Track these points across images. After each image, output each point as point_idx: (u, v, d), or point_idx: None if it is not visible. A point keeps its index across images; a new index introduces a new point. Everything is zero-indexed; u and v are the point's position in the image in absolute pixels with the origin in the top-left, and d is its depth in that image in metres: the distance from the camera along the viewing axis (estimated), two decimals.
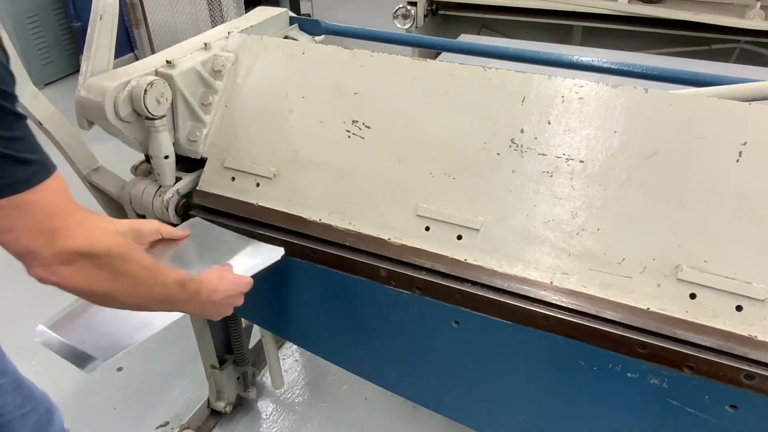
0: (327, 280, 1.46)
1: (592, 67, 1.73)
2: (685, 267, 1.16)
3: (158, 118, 1.48)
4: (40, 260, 0.94)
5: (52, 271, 0.95)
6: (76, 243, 0.95)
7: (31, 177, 0.91)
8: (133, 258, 1.05)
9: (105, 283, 1.02)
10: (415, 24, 3.21)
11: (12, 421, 1.43)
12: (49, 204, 0.93)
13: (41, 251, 0.93)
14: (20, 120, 0.91)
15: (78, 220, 0.97)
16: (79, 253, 0.96)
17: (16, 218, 0.90)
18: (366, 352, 1.60)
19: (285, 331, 1.82)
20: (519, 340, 1.27)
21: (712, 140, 1.20)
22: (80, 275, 0.98)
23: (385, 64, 1.50)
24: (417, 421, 2.22)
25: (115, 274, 1.02)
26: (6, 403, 1.41)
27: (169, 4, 4.59)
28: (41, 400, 1.52)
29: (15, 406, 1.43)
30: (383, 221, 1.39)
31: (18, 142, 0.90)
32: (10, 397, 1.41)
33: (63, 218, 0.95)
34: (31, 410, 1.47)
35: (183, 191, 1.59)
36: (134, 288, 1.07)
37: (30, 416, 1.47)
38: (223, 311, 1.29)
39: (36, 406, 1.49)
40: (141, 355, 2.50)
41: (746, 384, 1.09)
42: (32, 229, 0.92)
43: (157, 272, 1.11)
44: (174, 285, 1.14)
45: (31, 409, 1.47)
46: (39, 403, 1.51)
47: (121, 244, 1.04)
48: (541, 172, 1.30)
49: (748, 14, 2.76)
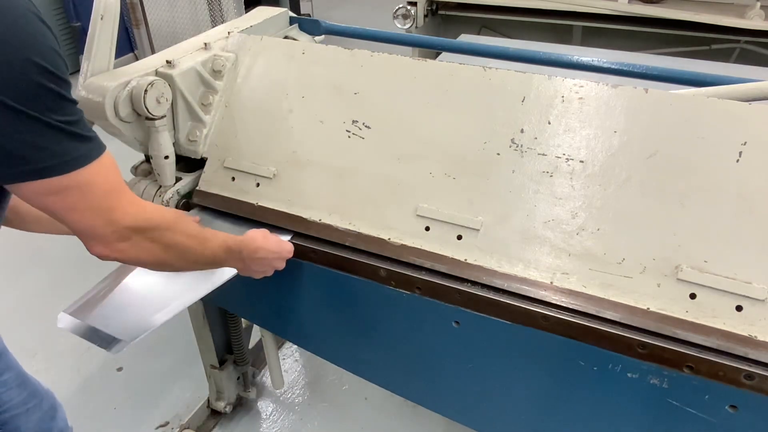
0: (327, 280, 1.46)
1: (592, 67, 1.73)
2: (685, 267, 1.16)
3: (158, 118, 1.48)
4: (100, 238, 1.04)
5: (112, 248, 1.06)
6: (130, 220, 1.06)
7: (91, 151, 1.00)
8: (180, 229, 1.18)
9: (158, 254, 1.14)
10: (415, 24, 3.21)
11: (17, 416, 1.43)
12: (105, 183, 1.02)
13: (101, 230, 1.03)
14: (76, 105, 0.99)
15: (130, 199, 1.08)
16: (134, 229, 1.07)
17: (79, 197, 0.99)
18: (366, 353, 1.60)
19: (285, 331, 1.82)
20: (519, 340, 1.27)
21: (712, 140, 1.20)
22: (136, 249, 1.09)
23: (385, 64, 1.50)
24: (417, 421, 2.22)
25: (167, 245, 1.14)
26: (10, 398, 1.41)
27: (169, 4, 4.59)
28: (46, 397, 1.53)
29: (20, 401, 1.44)
30: (383, 221, 1.39)
31: (77, 123, 0.98)
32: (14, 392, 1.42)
33: (117, 197, 1.04)
34: (35, 406, 1.48)
35: (183, 191, 1.60)
36: (184, 255, 1.20)
37: (34, 412, 1.47)
38: (264, 270, 1.38)
39: (40, 402, 1.50)
40: (141, 355, 2.50)
41: (746, 384, 1.09)
42: (93, 207, 1.01)
43: (203, 239, 1.23)
44: (219, 248, 1.26)
45: (36, 405, 1.48)
46: (43, 400, 1.51)
47: (168, 217, 1.17)
48: (541, 172, 1.30)
49: (748, 14, 2.76)
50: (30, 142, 0.92)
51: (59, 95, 0.94)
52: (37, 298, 2.76)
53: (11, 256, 3.09)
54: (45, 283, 2.91)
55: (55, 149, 0.95)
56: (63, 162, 0.96)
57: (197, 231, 1.24)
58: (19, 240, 3.40)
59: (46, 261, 3.03)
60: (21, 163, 0.93)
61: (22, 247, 3.13)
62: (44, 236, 1.42)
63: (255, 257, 1.33)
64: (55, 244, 3.16)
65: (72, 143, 0.97)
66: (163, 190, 1.56)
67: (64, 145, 0.96)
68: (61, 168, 0.96)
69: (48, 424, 1.52)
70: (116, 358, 2.51)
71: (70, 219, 1.02)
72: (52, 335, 2.61)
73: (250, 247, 1.31)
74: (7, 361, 1.41)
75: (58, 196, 0.98)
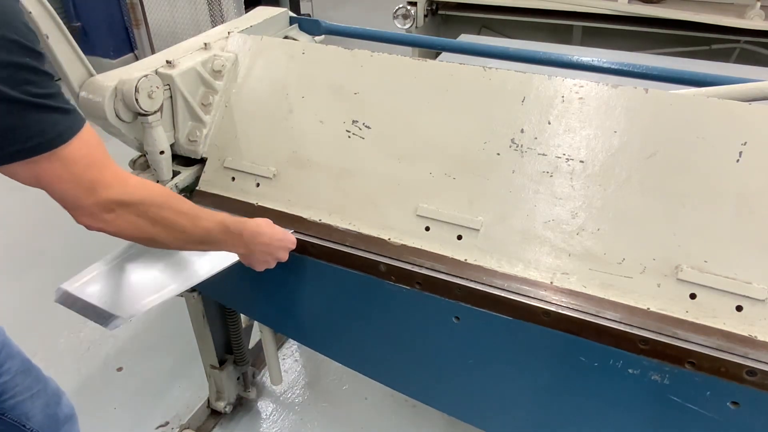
0: (326, 276, 1.46)
1: (592, 67, 1.73)
2: (685, 267, 1.16)
3: (151, 114, 1.47)
4: (84, 209, 1.05)
5: (97, 218, 1.07)
6: (113, 193, 1.06)
7: (74, 124, 1.01)
8: (169, 205, 1.17)
9: (145, 228, 1.14)
10: (415, 24, 3.21)
11: (23, 402, 1.46)
12: (87, 155, 1.03)
13: (84, 201, 1.04)
14: (51, 77, 0.98)
15: (114, 172, 1.08)
16: (116, 202, 1.07)
17: (62, 170, 1.01)
18: (365, 349, 1.60)
19: (284, 327, 1.82)
20: (520, 336, 1.27)
21: (712, 140, 1.20)
22: (122, 221, 1.10)
23: (385, 64, 1.50)
24: (417, 421, 2.22)
25: (153, 220, 1.14)
26: (16, 384, 1.44)
27: (169, 4, 4.59)
28: (49, 383, 1.55)
29: (25, 387, 1.46)
30: (383, 221, 1.39)
31: (57, 96, 0.99)
32: (19, 378, 1.44)
33: (99, 170, 1.05)
34: (39, 391, 1.51)
35: (182, 185, 1.59)
36: (173, 231, 1.18)
37: (39, 397, 1.50)
38: (266, 260, 1.36)
39: (44, 387, 1.52)
40: (141, 355, 2.50)
41: (748, 380, 1.09)
42: (75, 179, 1.02)
43: (195, 216, 1.22)
44: (215, 227, 1.25)
45: (40, 390, 1.51)
46: (47, 386, 1.54)
47: (156, 193, 1.16)
48: (541, 172, 1.30)
49: (748, 14, 2.76)
50: (14, 124, 0.94)
51: (36, 70, 0.95)
52: (38, 298, 2.75)
53: (11, 256, 3.10)
54: (45, 283, 2.91)
55: (39, 128, 0.96)
56: (48, 140, 0.98)
57: (188, 208, 1.22)
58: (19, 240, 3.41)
59: (46, 261, 3.03)
60: (6, 144, 0.95)
61: (23, 247, 3.13)
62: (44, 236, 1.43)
63: (257, 241, 1.31)
64: (56, 244, 3.18)
65: (54, 117, 0.98)
66: (161, 184, 1.56)
67: (47, 121, 0.97)
68: (46, 145, 0.98)
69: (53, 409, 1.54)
70: (116, 358, 2.52)
71: (54, 190, 1.03)
72: (52, 335, 2.61)
73: (252, 230, 1.30)
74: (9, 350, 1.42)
75: (44, 170, 1.00)
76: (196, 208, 1.24)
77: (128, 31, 4.96)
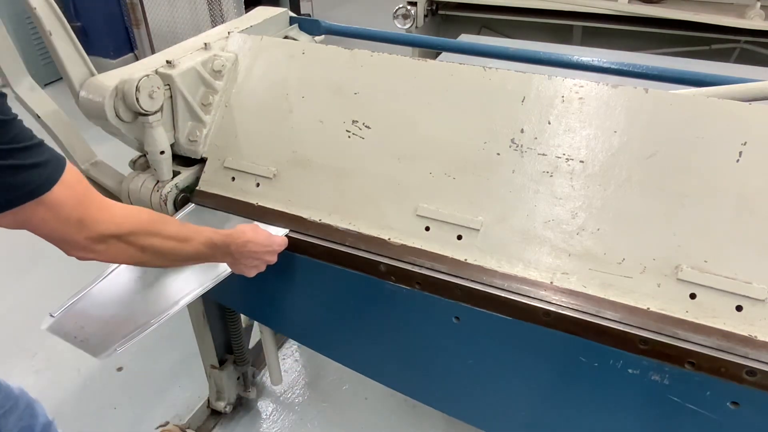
0: (326, 276, 1.46)
1: (592, 67, 1.73)
2: (685, 267, 1.16)
3: (152, 114, 1.47)
4: (76, 244, 1.07)
5: (88, 250, 1.09)
6: (102, 228, 1.08)
7: (48, 179, 0.99)
8: (156, 231, 1.19)
9: (136, 255, 1.17)
10: (415, 24, 3.21)
11: None
12: (72, 197, 1.03)
13: (74, 238, 1.06)
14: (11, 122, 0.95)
15: (99, 205, 1.09)
16: (106, 236, 1.09)
17: (49, 215, 1.01)
18: (365, 349, 1.60)
19: (283, 327, 1.82)
20: (520, 336, 1.27)
21: (712, 140, 1.20)
22: (113, 251, 1.12)
23: (385, 64, 1.50)
24: (417, 421, 2.22)
25: (143, 248, 1.17)
26: None
27: (169, 4, 4.59)
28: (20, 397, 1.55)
29: None
30: (383, 221, 1.39)
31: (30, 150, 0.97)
32: None
33: (86, 207, 1.06)
34: (11, 407, 1.51)
35: (182, 185, 1.59)
36: (163, 256, 1.22)
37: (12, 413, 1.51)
38: (255, 265, 1.37)
39: (16, 403, 1.53)
40: (141, 355, 2.50)
41: (748, 380, 1.09)
42: (62, 220, 1.03)
43: (183, 239, 1.24)
44: (202, 246, 1.27)
45: (12, 407, 1.51)
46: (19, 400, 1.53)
47: (143, 220, 1.17)
48: (541, 172, 1.30)
49: (748, 14, 2.76)
50: None
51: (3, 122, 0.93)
52: (38, 298, 2.75)
53: (11, 256, 3.10)
54: (45, 283, 2.91)
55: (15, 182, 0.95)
56: (27, 192, 0.97)
57: (176, 231, 1.23)
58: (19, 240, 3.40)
59: (46, 261, 3.02)
60: None
61: (23, 247, 3.13)
62: None
63: (244, 251, 1.32)
64: None
65: (31, 172, 0.96)
66: (161, 185, 1.56)
67: (23, 176, 0.95)
68: (26, 197, 0.97)
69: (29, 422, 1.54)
70: (116, 358, 2.51)
71: (42, 232, 1.04)
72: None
73: (238, 241, 1.31)
74: None
75: (28, 217, 1.00)
76: (183, 229, 1.26)
77: (128, 31, 4.96)
